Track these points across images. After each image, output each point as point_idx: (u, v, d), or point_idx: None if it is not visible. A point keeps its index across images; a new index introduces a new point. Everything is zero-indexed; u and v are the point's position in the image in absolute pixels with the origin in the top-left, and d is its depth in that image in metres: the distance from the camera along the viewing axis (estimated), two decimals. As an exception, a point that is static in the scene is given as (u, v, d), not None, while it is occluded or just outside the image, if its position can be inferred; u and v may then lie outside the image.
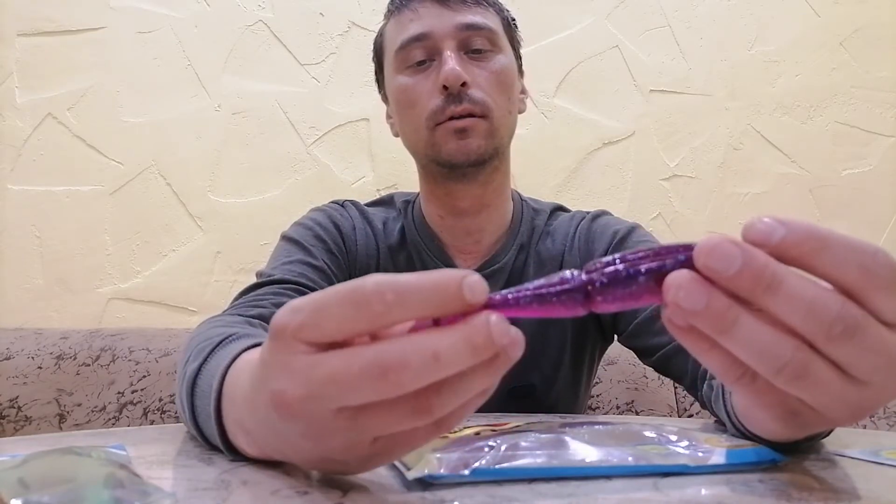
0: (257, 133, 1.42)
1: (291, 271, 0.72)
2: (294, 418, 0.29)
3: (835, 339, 0.25)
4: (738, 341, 0.26)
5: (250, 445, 0.37)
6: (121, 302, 1.38)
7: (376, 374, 0.26)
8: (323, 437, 0.29)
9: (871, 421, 1.10)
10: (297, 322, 0.28)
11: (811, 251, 0.26)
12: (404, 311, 0.26)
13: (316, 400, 0.27)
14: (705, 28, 1.46)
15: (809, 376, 0.26)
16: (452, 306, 0.26)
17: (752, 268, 0.25)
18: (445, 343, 0.26)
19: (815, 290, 0.25)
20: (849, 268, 0.26)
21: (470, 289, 0.26)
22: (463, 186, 0.76)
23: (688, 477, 0.35)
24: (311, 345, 0.28)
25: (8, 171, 1.38)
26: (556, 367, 0.78)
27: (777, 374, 0.26)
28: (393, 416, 0.27)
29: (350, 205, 0.84)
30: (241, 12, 1.43)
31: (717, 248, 0.25)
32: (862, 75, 1.45)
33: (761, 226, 0.26)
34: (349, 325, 0.27)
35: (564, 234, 0.81)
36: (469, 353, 0.26)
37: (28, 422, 1.12)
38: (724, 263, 0.25)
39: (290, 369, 0.28)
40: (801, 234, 0.25)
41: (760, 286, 0.25)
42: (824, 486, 0.35)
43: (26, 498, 0.26)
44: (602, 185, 1.43)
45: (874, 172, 1.43)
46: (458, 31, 0.73)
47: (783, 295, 0.25)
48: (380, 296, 0.26)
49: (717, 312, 0.26)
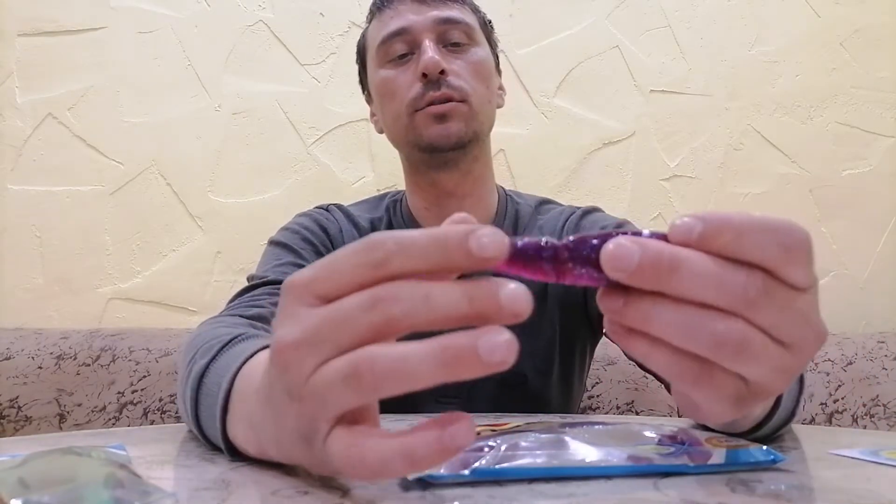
0: (257, 133, 1.42)
1: (284, 273, 0.72)
2: (285, 367, 0.28)
3: (753, 302, 0.26)
4: (667, 326, 0.27)
5: (250, 442, 0.37)
6: (121, 302, 1.38)
7: (369, 305, 0.26)
8: (301, 398, 0.28)
9: (871, 421, 1.10)
10: (308, 276, 0.29)
11: (731, 240, 0.26)
12: (405, 259, 0.26)
13: (309, 345, 0.27)
14: (705, 28, 1.46)
15: (749, 344, 0.27)
16: (458, 258, 0.26)
17: (649, 257, 0.26)
18: (442, 287, 0.26)
19: (717, 264, 0.26)
20: (769, 247, 0.27)
21: (478, 242, 0.26)
22: (445, 174, 0.78)
23: (688, 477, 0.35)
24: (320, 298, 0.28)
25: (8, 171, 1.38)
26: (548, 359, 0.78)
27: (717, 350, 0.27)
28: (333, 377, 0.26)
29: (334, 208, 0.85)
30: (241, 12, 1.43)
31: (615, 249, 0.26)
32: (862, 75, 1.44)
33: (681, 225, 0.27)
34: (356, 273, 0.27)
35: (552, 228, 0.82)
36: (464, 301, 0.26)
37: (28, 422, 1.12)
38: (624, 261, 0.26)
39: (295, 318, 0.28)
40: (716, 226, 0.26)
41: (663, 272, 0.26)
42: (824, 486, 0.35)
43: (26, 498, 0.26)
44: (602, 185, 1.43)
45: (874, 172, 1.42)
46: (437, 25, 0.76)
47: (688, 274, 0.26)
48: (381, 243, 0.27)
49: (635, 306, 0.27)
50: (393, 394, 0.26)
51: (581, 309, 0.79)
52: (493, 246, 0.26)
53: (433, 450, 0.25)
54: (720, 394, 0.28)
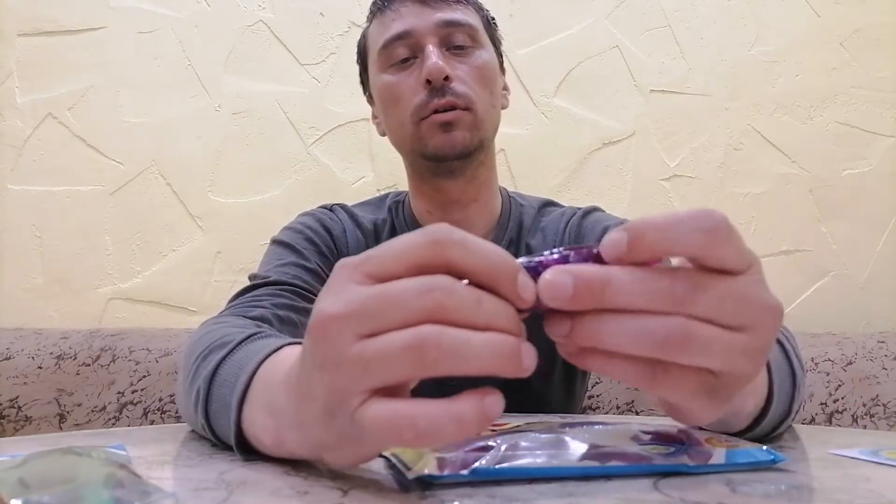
0: (257, 133, 1.42)
1: (286, 273, 0.72)
2: (324, 338, 0.29)
3: (683, 299, 0.28)
4: (613, 337, 0.28)
5: (268, 430, 0.37)
6: (121, 302, 1.38)
7: (424, 289, 0.27)
8: (336, 369, 0.29)
9: (871, 421, 1.10)
10: (363, 256, 0.30)
11: (654, 240, 0.28)
12: (463, 257, 0.28)
13: (353, 318, 0.28)
14: (705, 28, 1.46)
15: (693, 336, 0.28)
16: (505, 284, 0.28)
17: (581, 283, 0.28)
18: (492, 300, 0.28)
19: (642, 273, 0.28)
20: (689, 236, 0.28)
21: (524, 287, 0.28)
22: (450, 181, 0.77)
23: (688, 477, 0.35)
24: (371, 277, 0.29)
25: (8, 171, 1.38)
26: (551, 362, 0.78)
27: (665, 346, 0.28)
28: (393, 347, 0.27)
29: (338, 208, 0.84)
30: (241, 12, 1.43)
31: (550, 284, 0.28)
32: (862, 75, 1.44)
33: (609, 241, 0.29)
34: (410, 256, 0.28)
35: (555, 230, 0.81)
36: (504, 317, 0.28)
37: (28, 422, 1.12)
38: (560, 291, 0.28)
39: (342, 293, 0.29)
40: (638, 231, 0.28)
41: (595, 293, 0.28)
42: (824, 486, 0.35)
43: (26, 498, 0.26)
44: (602, 185, 1.43)
45: (874, 172, 1.42)
46: (440, 28, 0.74)
47: (617, 289, 0.28)
48: (448, 232, 0.28)
49: (582, 327, 0.29)
50: (446, 373, 0.27)
51: None
52: (531, 298, 0.29)
53: (478, 416, 0.27)
54: (686, 389, 0.29)
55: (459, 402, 0.27)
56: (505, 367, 0.27)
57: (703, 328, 0.28)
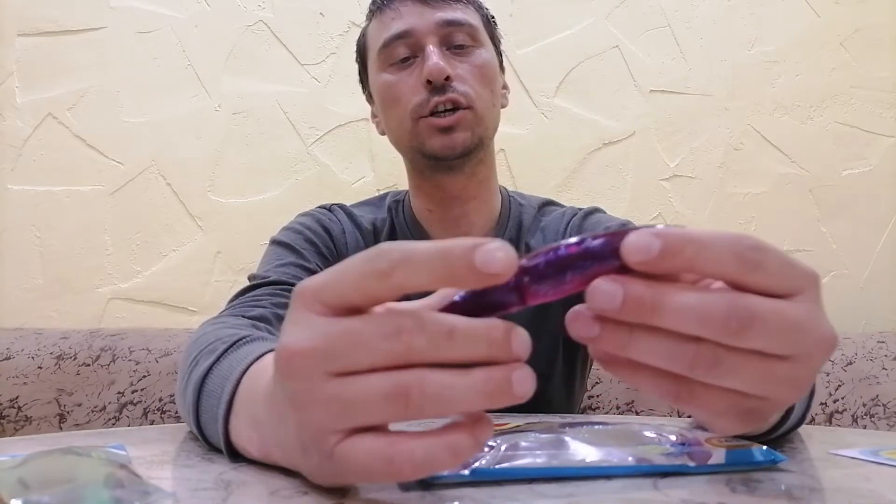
0: (257, 133, 1.42)
1: (286, 273, 0.72)
2: (291, 374, 0.28)
3: (736, 333, 0.26)
4: (644, 354, 0.27)
5: (253, 443, 0.37)
6: (121, 302, 1.38)
7: (392, 330, 0.26)
8: (307, 406, 0.28)
9: (871, 421, 1.10)
10: (318, 283, 0.28)
11: (692, 258, 0.26)
12: (410, 271, 0.26)
13: (319, 356, 0.27)
14: (705, 28, 1.46)
15: (723, 362, 0.26)
16: (462, 273, 0.26)
17: (632, 298, 0.26)
18: (463, 324, 0.27)
19: (698, 298, 0.26)
20: (726, 260, 0.26)
21: (484, 258, 0.25)
22: (450, 178, 0.77)
23: (688, 477, 0.35)
24: (329, 307, 0.28)
25: (8, 171, 1.38)
26: (550, 364, 0.78)
27: (693, 369, 0.27)
28: (373, 393, 0.26)
29: (337, 208, 0.84)
30: (241, 12, 1.43)
31: (597, 289, 0.26)
32: (862, 75, 1.44)
33: (637, 245, 0.26)
34: (362, 283, 0.27)
35: (555, 230, 0.81)
36: (483, 344, 0.26)
37: (28, 422, 1.12)
38: (608, 301, 0.26)
39: (304, 325, 0.28)
40: (677, 243, 0.26)
41: (646, 311, 0.26)
42: (824, 486, 0.35)
43: (26, 498, 0.26)
44: (602, 185, 1.43)
45: (874, 172, 1.42)
46: (440, 28, 0.74)
47: (671, 312, 0.26)
48: (387, 253, 0.26)
49: (611, 336, 0.27)
50: (431, 417, 0.26)
51: None
52: (498, 263, 0.25)
53: (469, 444, 0.27)
54: (714, 409, 0.28)
55: (453, 431, 0.27)
56: (496, 403, 0.26)
57: (738, 355, 0.26)
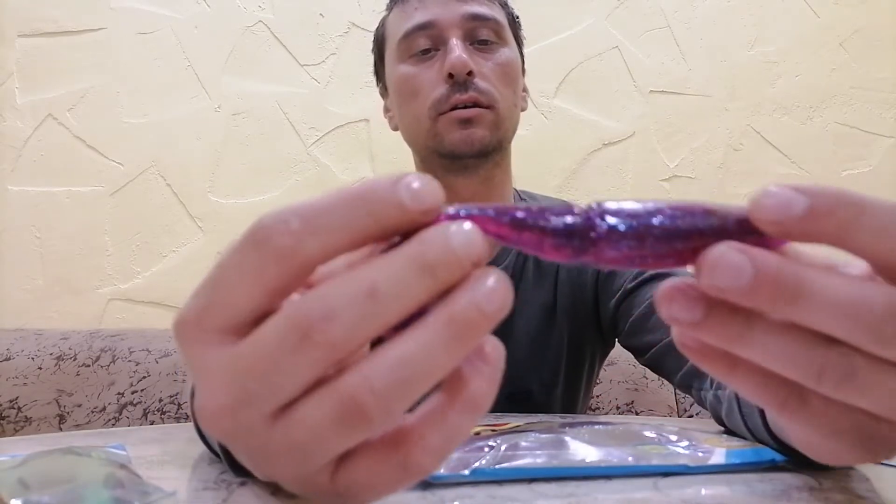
0: (257, 134, 1.42)
1: None
2: (230, 437, 0.21)
3: (890, 342, 0.19)
4: (759, 352, 0.20)
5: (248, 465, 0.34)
6: (121, 302, 1.38)
7: (297, 339, 0.19)
8: (271, 464, 0.21)
9: (871, 421, 1.10)
10: (196, 308, 0.21)
11: (844, 222, 0.19)
12: (321, 238, 0.19)
13: (244, 406, 0.20)
14: (705, 28, 1.46)
15: (859, 375, 0.20)
16: (390, 221, 0.19)
17: (769, 275, 0.19)
18: (383, 269, 0.19)
19: (854, 292, 0.19)
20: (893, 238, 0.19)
21: (409, 191, 0.19)
22: (463, 180, 0.74)
23: (688, 477, 0.35)
24: (225, 332, 0.20)
25: (8, 172, 1.38)
26: (555, 373, 0.76)
27: (819, 380, 0.20)
28: (321, 425, 0.19)
29: None
30: (241, 13, 1.43)
31: (720, 259, 0.19)
32: (862, 76, 1.44)
33: (772, 200, 0.19)
34: (258, 283, 0.20)
35: None
36: (418, 275, 0.19)
37: (28, 422, 1.12)
38: (733, 277, 0.19)
39: (206, 372, 0.20)
40: (829, 202, 0.19)
41: (783, 296, 0.19)
42: (824, 487, 0.35)
43: (26, 498, 0.26)
44: (602, 186, 1.43)
45: (874, 173, 1.43)
46: (465, 21, 0.71)
47: (817, 301, 0.19)
48: (283, 226, 0.19)
49: (719, 324, 0.20)
50: (406, 407, 0.20)
51: (592, 319, 0.76)
52: (429, 193, 0.20)
53: (483, 386, 0.20)
54: (830, 427, 0.22)
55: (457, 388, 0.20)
56: (472, 340, 0.19)
57: (878, 367, 0.20)
